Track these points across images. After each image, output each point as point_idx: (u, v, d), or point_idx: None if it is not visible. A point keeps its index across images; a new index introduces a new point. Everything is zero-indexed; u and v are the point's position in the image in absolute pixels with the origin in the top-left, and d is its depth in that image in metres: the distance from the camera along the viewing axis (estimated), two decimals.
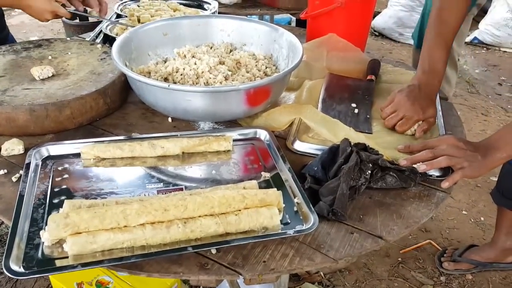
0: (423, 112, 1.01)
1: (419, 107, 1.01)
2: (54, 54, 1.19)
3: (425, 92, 1.04)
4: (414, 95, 1.03)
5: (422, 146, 0.93)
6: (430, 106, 1.03)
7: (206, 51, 1.20)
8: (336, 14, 1.34)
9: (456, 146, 0.88)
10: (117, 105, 1.10)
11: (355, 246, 0.74)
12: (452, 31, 1.07)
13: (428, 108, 1.02)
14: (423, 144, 0.93)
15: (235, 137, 0.98)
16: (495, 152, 0.87)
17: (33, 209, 0.76)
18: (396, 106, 1.03)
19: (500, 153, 0.87)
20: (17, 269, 0.64)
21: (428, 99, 1.03)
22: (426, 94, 1.04)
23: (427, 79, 1.05)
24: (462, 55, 3.63)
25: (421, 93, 1.03)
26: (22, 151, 0.92)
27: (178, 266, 0.68)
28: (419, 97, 1.03)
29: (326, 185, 0.81)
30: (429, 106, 1.02)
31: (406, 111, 1.01)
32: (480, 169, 0.87)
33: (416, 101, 1.02)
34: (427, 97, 1.04)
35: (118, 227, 0.69)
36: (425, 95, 1.03)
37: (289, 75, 1.08)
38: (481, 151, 0.88)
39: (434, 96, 1.06)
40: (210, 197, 0.74)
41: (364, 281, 1.66)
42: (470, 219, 1.98)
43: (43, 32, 3.91)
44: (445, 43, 1.07)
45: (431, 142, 0.93)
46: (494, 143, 0.88)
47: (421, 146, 0.93)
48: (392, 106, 1.04)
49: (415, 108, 1.00)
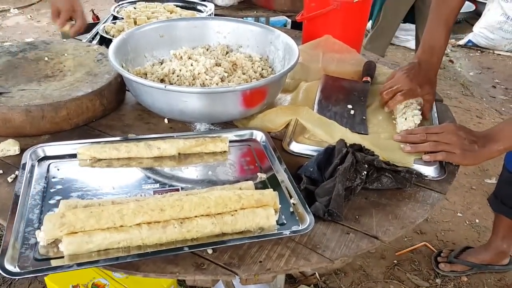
0: (421, 88, 1.04)
1: (417, 84, 1.05)
2: (51, 56, 1.18)
3: (424, 69, 1.07)
4: (414, 72, 1.06)
5: (423, 130, 0.96)
6: (427, 83, 1.06)
7: (202, 53, 1.20)
8: (332, 16, 1.35)
9: (455, 134, 0.91)
10: (114, 106, 1.10)
11: (351, 247, 0.74)
12: (453, 12, 1.11)
13: (426, 85, 1.06)
14: (424, 129, 0.97)
15: (231, 138, 0.98)
16: (494, 143, 0.90)
17: (29, 209, 0.76)
18: (395, 82, 1.07)
19: (497, 145, 0.90)
20: (12, 269, 0.63)
21: (426, 77, 1.07)
22: (424, 71, 1.07)
23: (426, 57, 1.09)
24: (457, 58, 3.65)
25: (420, 71, 1.07)
26: (18, 152, 0.92)
27: (174, 266, 0.68)
28: (418, 74, 1.06)
29: (322, 186, 0.82)
30: (427, 83, 1.06)
31: (405, 86, 1.04)
32: (475, 158, 0.91)
33: (415, 78, 1.05)
34: (425, 74, 1.07)
35: (114, 227, 0.69)
36: (424, 72, 1.07)
37: (285, 76, 1.09)
38: (480, 141, 0.90)
39: (432, 74, 1.09)
40: (206, 197, 0.74)
41: (360, 283, 1.66)
42: (465, 221, 1.99)
43: (38, 33, 3.90)
44: (445, 24, 1.10)
45: (432, 129, 0.96)
46: (494, 135, 0.91)
47: (422, 129, 0.96)
48: (391, 82, 1.07)
49: (413, 84, 1.04)
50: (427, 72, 1.08)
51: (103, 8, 4.20)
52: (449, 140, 0.91)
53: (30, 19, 4.23)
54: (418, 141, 0.93)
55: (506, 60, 3.65)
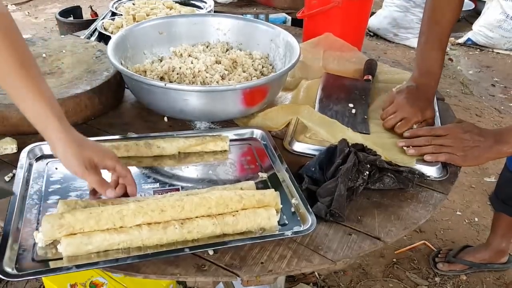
0: (422, 113, 1.02)
1: (418, 109, 1.02)
2: (49, 52, 1.17)
3: (423, 93, 1.05)
4: (413, 97, 1.03)
5: (427, 131, 0.95)
6: (428, 107, 1.04)
7: (202, 50, 1.19)
8: (333, 13, 1.33)
9: (459, 138, 0.91)
10: (113, 104, 1.09)
11: (353, 248, 0.74)
12: (446, 32, 1.08)
13: (427, 110, 1.03)
14: (428, 130, 0.96)
15: (232, 137, 0.97)
16: (504, 144, 0.90)
17: (27, 209, 0.75)
18: (396, 108, 1.03)
19: (507, 147, 0.89)
20: (10, 271, 0.62)
21: (426, 101, 1.04)
22: (424, 95, 1.04)
23: (424, 80, 1.06)
24: (456, 56, 3.64)
25: (419, 95, 1.04)
26: (16, 150, 0.91)
27: (175, 268, 0.67)
28: (418, 99, 1.03)
29: (323, 186, 0.81)
30: (427, 107, 1.03)
31: (406, 113, 1.01)
32: (478, 159, 0.91)
33: (415, 103, 1.02)
34: (425, 98, 1.04)
35: (114, 228, 0.68)
36: (423, 96, 1.04)
37: (286, 75, 1.08)
38: (488, 141, 0.90)
39: (431, 97, 1.07)
40: (207, 197, 0.73)
41: (359, 281, 1.65)
42: (464, 220, 1.99)
43: (36, 30, 3.87)
44: (439, 44, 1.07)
45: (437, 130, 0.96)
46: (503, 136, 0.91)
47: (426, 131, 0.96)
48: (392, 108, 1.04)
49: (414, 110, 1.01)
50: (426, 95, 1.05)
51: (102, 5, 4.18)
52: (452, 143, 0.91)
53: (28, 16, 4.20)
54: (422, 145, 0.93)
55: (506, 59, 3.64)
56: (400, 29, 3.71)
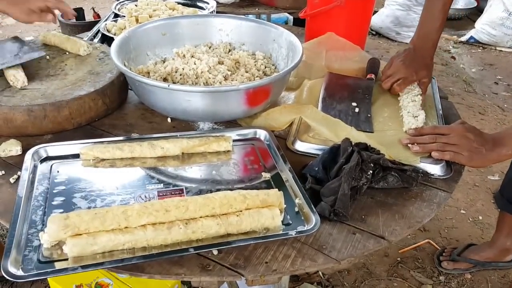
0: (416, 74, 1.11)
1: (413, 70, 1.11)
2: (52, 54, 1.18)
3: (419, 55, 1.13)
4: (410, 59, 1.12)
5: (432, 130, 0.97)
6: (423, 68, 1.12)
7: (205, 51, 1.19)
8: (335, 13, 1.33)
9: (464, 136, 0.92)
10: (116, 105, 1.09)
11: (357, 247, 0.74)
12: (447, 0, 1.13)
13: (421, 70, 1.11)
14: (432, 128, 0.97)
15: (235, 137, 0.97)
16: (503, 147, 0.90)
17: (32, 210, 0.75)
18: (393, 70, 1.13)
19: (506, 149, 0.90)
20: (15, 272, 0.63)
21: (422, 62, 1.13)
22: (420, 56, 1.13)
23: (421, 43, 1.15)
24: (459, 54, 3.63)
25: (415, 56, 1.13)
26: (20, 152, 0.91)
27: (179, 268, 0.68)
28: (413, 60, 1.12)
29: (327, 185, 0.81)
30: (423, 68, 1.12)
31: (402, 73, 1.11)
32: (482, 161, 0.92)
33: (411, 64, 1.11)
34: (421, 59, 1.13)
35: (119, 228, 0.68)
36: (419, 57, 1.13)
37: (289, 74, 1.08)
38: (488, 144, 0.91)
39: (428, 58, 1.14)
40: (211, 197, 0.73)
41: (363, 281, 1.65)
42: (469, 218, 1.99)
43: (38, 32, 3.89)
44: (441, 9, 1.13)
45: (441, 128, 0.97)
46: (503, 139, 0.91)
47: (430, 129, 0.97)
48: (389, 70, 1.14)
49: (409, 70, 1.10)
50: (422, 57, 1.13)
51: (104, 6, 4.19)
52: (457, 141, 0.91)
53: None
54: (427, 143, 0.93)
55: (508, 57, 3.63)
56: (402, 28, 3.70)
